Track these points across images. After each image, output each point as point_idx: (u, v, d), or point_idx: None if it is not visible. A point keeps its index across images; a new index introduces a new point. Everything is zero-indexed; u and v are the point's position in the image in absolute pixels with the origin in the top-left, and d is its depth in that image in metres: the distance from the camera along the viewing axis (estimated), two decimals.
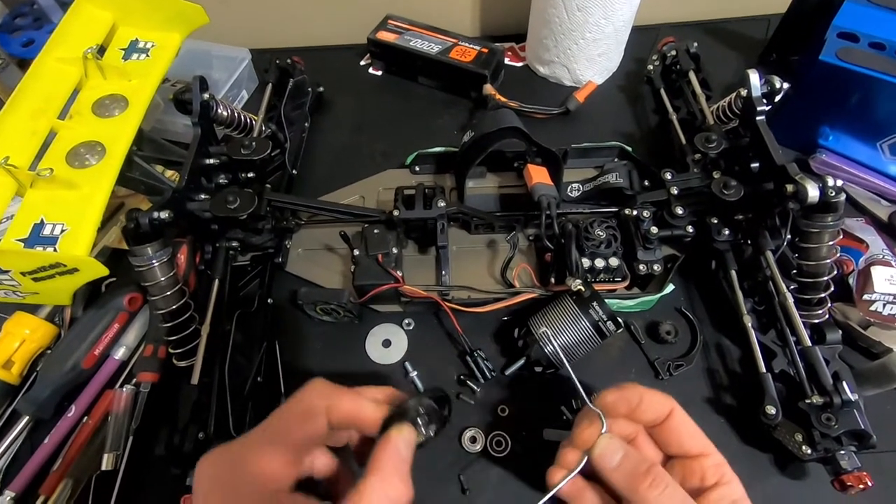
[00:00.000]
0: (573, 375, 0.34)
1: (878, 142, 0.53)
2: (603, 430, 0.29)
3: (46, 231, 0.38)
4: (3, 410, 0.45)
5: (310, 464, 0.28)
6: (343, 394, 0.27)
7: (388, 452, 0.25)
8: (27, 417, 0.44)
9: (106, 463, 0.41)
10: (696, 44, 0.60)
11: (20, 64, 0.64)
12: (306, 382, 0.28)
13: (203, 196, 0.47)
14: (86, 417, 0.44)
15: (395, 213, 0.47)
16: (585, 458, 0.29)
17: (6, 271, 0.36)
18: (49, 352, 0.47)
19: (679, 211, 0.46)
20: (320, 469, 0.28)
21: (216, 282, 0.45)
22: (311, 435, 0.26)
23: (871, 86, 0.49)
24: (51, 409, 0.45)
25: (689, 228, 0.47)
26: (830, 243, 0.41)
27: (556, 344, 0.41)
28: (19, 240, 0.38)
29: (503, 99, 0.63)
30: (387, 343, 0.48)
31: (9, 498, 0.41)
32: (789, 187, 0.40)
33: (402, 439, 0.26)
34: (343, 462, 0.30)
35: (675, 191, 0.47)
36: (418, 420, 0.28)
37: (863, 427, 0.37)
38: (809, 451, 0.37)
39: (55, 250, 0.38)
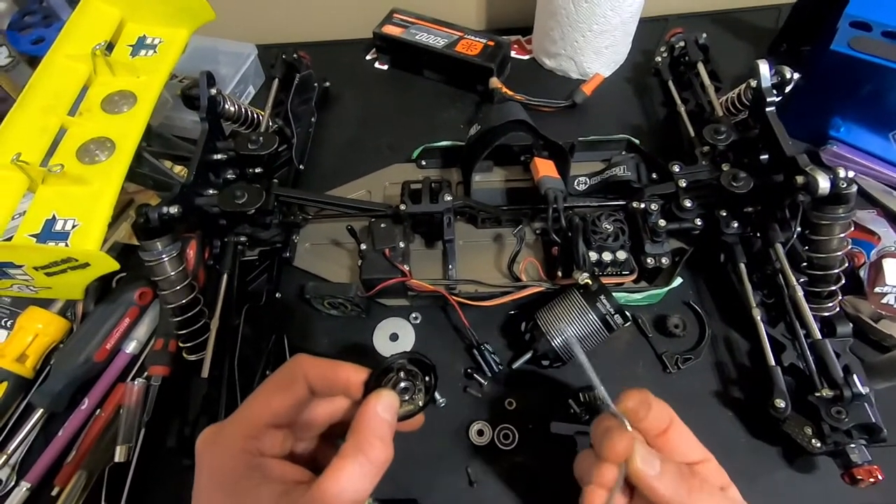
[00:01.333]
0: (594, 377, 0.31)
1: (891, 133, 0.52)
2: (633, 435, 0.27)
3: (58, 226, 0.39)
4: (17, 403, 0.46)
5: (294, 436, 0.28)
6: (321, 361, 0.28)
7: (368, 416, 0.26)
8: (41, 410, 0.45)
9: (119, 455, 0.42)
10: (704, 35, 0.59)
11: (30, 61, 0.65)
12: None
13: (211, 191, 0.47)
14: (98, 410, 0.45)
15: (402, 207, 0.47)
16: (623, 471, 0.27)
17: (19, 266, 0.36)
18: (62, 346, 0.48)
19: (687, 204, 0.46)
20: (307, 436, 0.29)
21: (225, 276, 0.46)
22: (290, 400, 0.27)
23: (884, 76, 0.49)
24: (64, 401, 0.45)
25: (698, 221, 0.47)
26: (841, 235, 0.41)
27: (564, 337, 0.41)
28: (32, 235, 0.38)
29: (509, 92, 0.63)
30: (394, 337, 0.48)
31: (25, 489, 0.41)
32: (800, 179, 0.40)
33: (382, 403, 0.26)
34: (329, 440, 0.30)
35: (683, 183, 0.47)
36: (401, 384, 0.28)
37: (873, 420, 0.36)
38: (819, 445, 0.37)
39: (67, 245, 0.38)
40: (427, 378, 0.30)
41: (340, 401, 0.29)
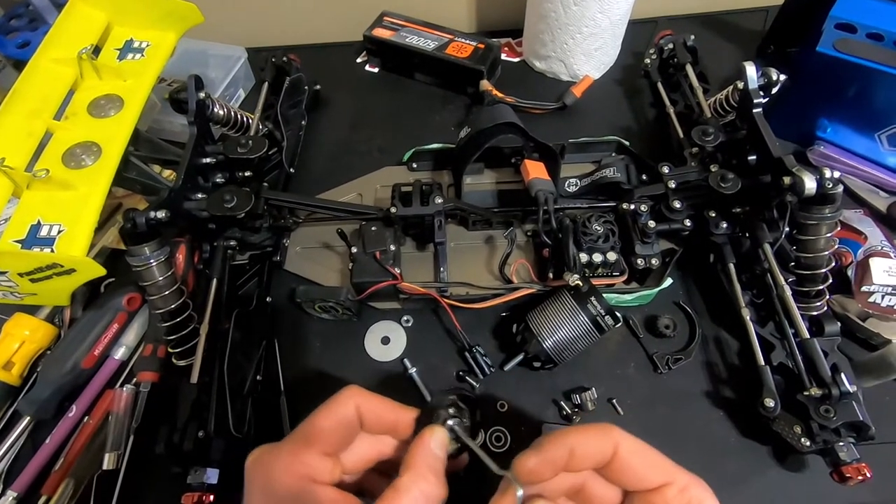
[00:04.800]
0: (477, 450, 0.28)
1: (877, 133, 0.53)
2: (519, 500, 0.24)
3: (43, 232, 0.39)
4: (4, 411, 0.46)
5: (343, 464, 0.28)
6: (372, 395, 0.28)
7: (422, 451, 0.26)
8: (28, 418, 0.44)
9: (107, 462, 0.41)
10: (693, 37, 0.60)
11: (16, 65, 0.64)
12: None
13: (200, 195, 0.47)
14: (87, 417, 0.44)
15: (393, 210, 0.47)
16: None
17: (4, 272, 0.36)
18: (49, 352, 0.48)
19: (677, 205, 0.46)
20: (353, 469, 0.29)
21: (214, 281, 0.45)
22: (341, 430, 0.27)
23: (868, 77, 0.49)
24: (52, 409, 0.45)
25: (687, 222, 0.47)
26: (828, 235, 0.41)
27: (555, 339, 0.41)
28: (16, 241, 0.38)
29: (500, 94, 0.63)
30: (386, 340, 0.48)
31: (11, 498, 0.41)
32: (786, 179, 0.40)
33: (435, 440, 0.27)
34: (376, 469, 0.30)
35: (672, 184, 0.47)
36: (450, 422, 0.28)
37: (861, 418, 0.37)
38: (808, 443, 0.37)
39: (52, 251, 0.38)
40: (472, 416, 0.30)
41: (388, 439, 0.29)
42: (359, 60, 0.73)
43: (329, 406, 0.28)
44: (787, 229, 0.42)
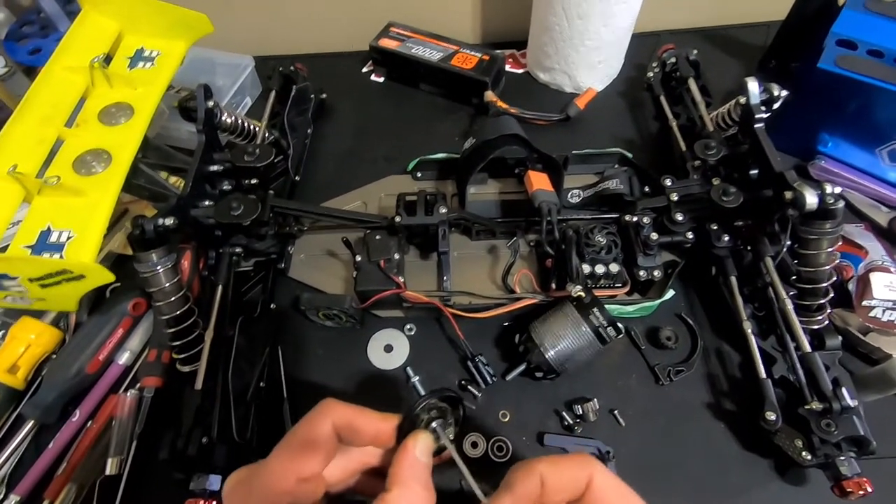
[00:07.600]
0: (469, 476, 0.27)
1: (878, 148, 0.53)
2: None
3: (53, 238, 0.39)
4: (8, 415, 0.46)
5: (326, 479, 0.28)
6: (349, 408, 0.27)
7: (407, 461, 0.25)
8: (32, 422, 0.44)
9: (110, 467, 0.41)
10: (695, 51, 0.60)
11: (27, 72, 0.65)
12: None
13: (207, 202, 0.48)
14: (90, 422, 0.45)
15: (397, 219, 0.48)
16: None
17: (14, 278, 0.36)
18: (54, 357, 0.48)
19: (679, 217, 0.47)
20: (339, 481, 0.29)
21: (220, 287, 0.46)
22: (317, 453, 0.26)
23: (869, 93, 0.50)
24: (55, 413, 0.45)
25: (689, 234, 0.47)
26: (829, 250, 0.41)
27: (557, 350, 0.41)
28: (27, 246, 0.38)
29: (504, 105, 0.64)
30: (388, 348, 0.48)
31: (14, 502, 0.41)
32: (788, 194, 0.41)
33: (419, 447, 0.26)
34: (363, 479, 0.30)
35: (674, 197, 0.47)
36: (433, 424, 0.28)
37: (862, 433, 0.37)
38: (809, 457, 0.37)
39: (62, 257, 0.38)
40: (455, 411, 0.30)
41: (371, 449, 0.29)
42: (364, 70, 0.74)
43: (305, 425, 0.27)
44: (788, 243, 0.43)
